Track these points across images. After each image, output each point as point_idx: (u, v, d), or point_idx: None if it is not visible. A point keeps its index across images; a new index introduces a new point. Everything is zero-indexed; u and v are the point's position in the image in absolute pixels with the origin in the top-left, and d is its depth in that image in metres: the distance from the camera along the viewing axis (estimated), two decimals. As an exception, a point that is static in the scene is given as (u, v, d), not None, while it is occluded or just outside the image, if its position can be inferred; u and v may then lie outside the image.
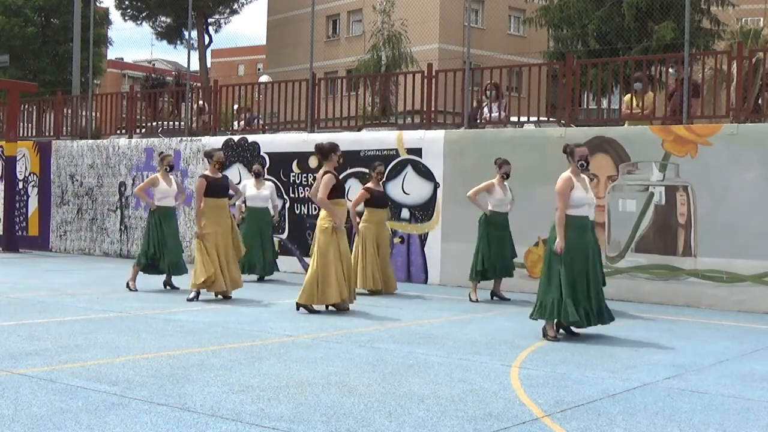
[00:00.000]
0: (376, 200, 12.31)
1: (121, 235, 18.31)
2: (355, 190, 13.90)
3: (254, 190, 13.60)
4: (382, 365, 6.82)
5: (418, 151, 14.36)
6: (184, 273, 12.01)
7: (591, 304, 8.33)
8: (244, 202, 13.67)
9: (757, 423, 5.38)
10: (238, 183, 14.54)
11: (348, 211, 11.11)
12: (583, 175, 8.54)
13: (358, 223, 12.21)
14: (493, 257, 11.46)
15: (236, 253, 11.24)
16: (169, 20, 47.51)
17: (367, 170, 13.30)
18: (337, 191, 10.03)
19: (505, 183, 11.62)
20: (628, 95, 13.62)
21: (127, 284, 11.89)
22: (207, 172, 11.19)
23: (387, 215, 12.74)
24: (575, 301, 8.25)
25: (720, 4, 27.54)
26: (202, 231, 10.83)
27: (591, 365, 7.11)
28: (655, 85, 13.71)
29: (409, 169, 14.47)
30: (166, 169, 12.16)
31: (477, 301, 11.52)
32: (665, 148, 12.22)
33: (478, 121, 14.63)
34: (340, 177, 10.87)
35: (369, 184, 12.45)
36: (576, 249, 8.29)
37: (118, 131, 19.34)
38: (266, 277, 13.78)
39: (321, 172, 10.05)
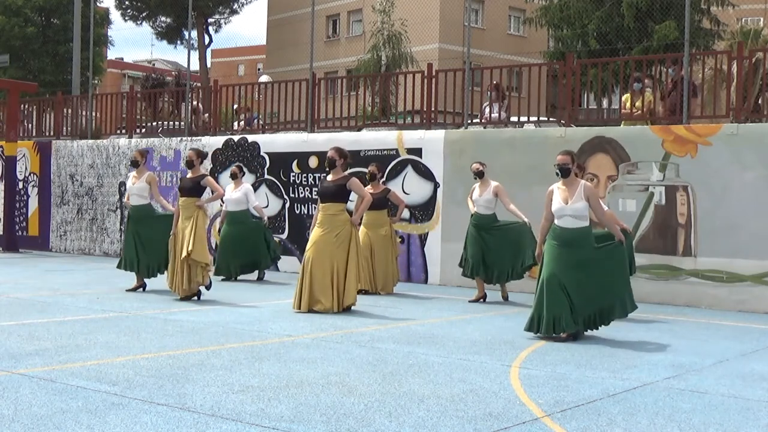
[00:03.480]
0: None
1: (121, 235, 18.28)
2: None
3: (229, 193, 13.60)
4: (382, 365, 6.82)
5: (418, 151, 14.35)
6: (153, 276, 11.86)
7: (565, 310, 8.21)
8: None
9: (757, 423, 5.38)
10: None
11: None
12: (582, 182, 8.38)
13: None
14: (471, 257, 11.40)
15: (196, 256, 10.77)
16: (169, 20, 47.49)
17: (367, 170, 13.26)
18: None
19: (492, 183, 11.31)
20: (626, 95, 13.62)
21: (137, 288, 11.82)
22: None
23: (381, 216, 12.47)
24: (545, 308, 8.24)
25: (720, 4, 27.57)
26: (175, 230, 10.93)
27: (591, 365, 7.11)
28: (655, 85, 13.71)
29: (409, 169, 14.47)
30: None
31: (473, 301, 11.51)
32: (665, 148, 12.22)
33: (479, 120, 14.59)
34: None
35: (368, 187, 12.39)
36: (547, 257, 8.35)
37: (118, 131, 19.33)
38: (238, 277, 13.68)
39: (358, 180, 10.31)
